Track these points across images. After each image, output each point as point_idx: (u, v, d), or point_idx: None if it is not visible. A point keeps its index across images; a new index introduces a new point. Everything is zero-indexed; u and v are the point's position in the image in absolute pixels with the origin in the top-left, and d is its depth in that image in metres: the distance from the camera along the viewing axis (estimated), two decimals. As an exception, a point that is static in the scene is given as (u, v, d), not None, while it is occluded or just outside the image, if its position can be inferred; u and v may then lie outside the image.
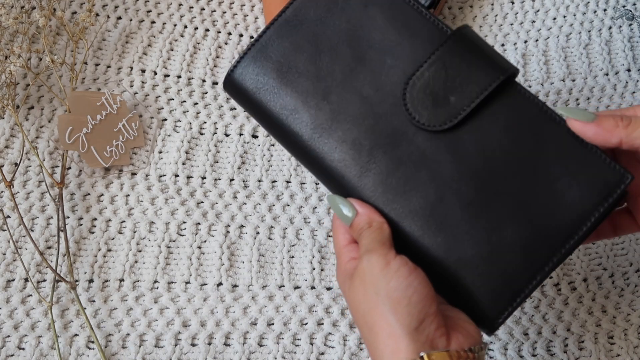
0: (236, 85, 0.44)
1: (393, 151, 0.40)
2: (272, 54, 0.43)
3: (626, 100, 0.64)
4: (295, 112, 0.42)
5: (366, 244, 0.38)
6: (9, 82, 0.55)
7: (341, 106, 0.41)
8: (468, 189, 0.39)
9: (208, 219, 0.57)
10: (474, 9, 0.69)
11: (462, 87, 0.39)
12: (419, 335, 0.35)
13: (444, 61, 0.40)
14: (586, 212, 0.38)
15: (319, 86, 0.42)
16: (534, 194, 0.39)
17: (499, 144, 0.39)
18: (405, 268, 0.36)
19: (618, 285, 0.57)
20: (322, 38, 0.43)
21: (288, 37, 0.43)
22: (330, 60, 0.42)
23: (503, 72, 0.39)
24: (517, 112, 0.40)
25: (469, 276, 0.38)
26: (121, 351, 0.52)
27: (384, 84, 0.41)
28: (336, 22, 0.43)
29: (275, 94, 0.43)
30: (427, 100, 0.40)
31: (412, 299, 0.35)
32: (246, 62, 0.44)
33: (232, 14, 0.66)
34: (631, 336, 0.55)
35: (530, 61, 0.66)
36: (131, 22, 0.63)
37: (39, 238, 0.54)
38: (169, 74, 0.62)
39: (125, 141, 0.58)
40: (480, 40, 0.41)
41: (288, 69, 0.43)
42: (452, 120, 0.39)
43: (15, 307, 0.52)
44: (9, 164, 0.57)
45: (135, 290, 0.54)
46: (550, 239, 0.38)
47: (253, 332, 0.53)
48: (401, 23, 0.42)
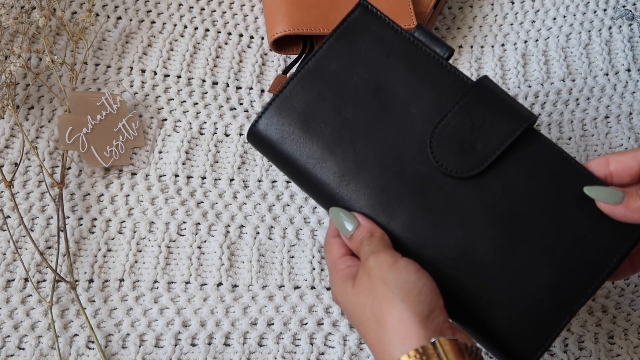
0: (261, 136, 0.45)
1: (421, 197, 0.41)
2: (296, 104, 0.44)
3: (626, 100, 0.64)
4: (322, 160, 0.43)
5: (371, 248, 0.39)
6: (9, 82, 0.55)
7: (368, 154, 0.42)
8: (495, 233, 0.40)
9: (208, 219, 0.57)
10: (474, 9, 0.69)
11: (487, 135, 0.41)
12: (430, 324, 0.35)
13: (468, 110, 0.41)
14: (609, 252, 0.39)
15: (344, 135, 0.43)
16: (559, 237, 0.40)
17: (523, 189, 0.41)
18: (413, 265, 0.37)
19: (618, 285, 0.57)
20: (345, 88, 0.44)
21: (312, 88, 0.44)
22: (355, 110, 0.43)
23: (525, 121, 0.41)
24: (539, 157, 0.41)
25: (500, 319, 0.39)
26: (121, 351, 0.52)
27: (409, 132, 0.42)
28: (359, 73, 0.44)
29: (301, 143, 0.43)
30: (453, 148, 0.41)
31: (422, 289, 0.36)
32: (271, 113, 0.44)
33: (232, 14, 0.66)
34: (631, 336, 0.55)
35: (530, 61, 0.66)
36: (131, 22, 0.63)
37: (39, 238, 0.54)
38: (169, 74, 0.62)
39: (125, 141, 0.58)
40: (500, 90, 0.42)
41: (313, 119, 0.44)
42: (479, 167, 0.41)
43: (15, 307, 0.52)
44: (9, 164, 0.57)
45: (135, 290, 0.54)
46: (577, 280, 0.39)
47: (253, 332, 0.53)
48: (423, 73, 0.43)
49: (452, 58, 0.66)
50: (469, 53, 0.66)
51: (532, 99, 0.64)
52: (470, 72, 0.65)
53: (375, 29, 0.44)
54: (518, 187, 0.41)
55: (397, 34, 0.44)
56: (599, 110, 0.64)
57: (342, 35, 0.45)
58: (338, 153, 0.43)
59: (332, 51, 0.45)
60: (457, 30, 0.67)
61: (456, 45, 0.67)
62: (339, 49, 0.44)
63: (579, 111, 0.63)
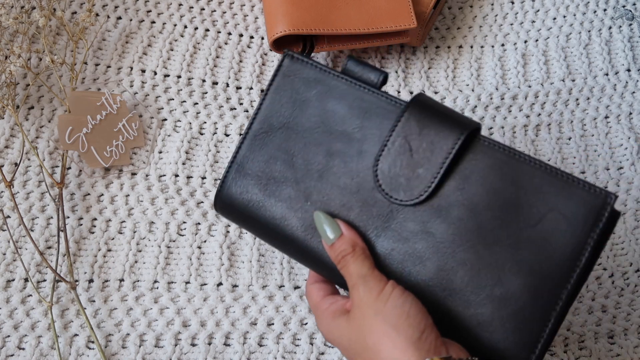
0: (225, 205, 0.46)
1: (385, 232, 0.41)
2: (249, 170, 0.45)
3: (626, 100, 0.64)
4: (284, 219, 0.44)
5: (357, 270, 0.39)
6: (9, 82, 0.55)
7: (324, 202, 0.43)
8: (461, 251, 0.40)
9: (208, 219, 0.57)
10: (474, 9, 0.69)
11: (427, 157, 0.40)
12: (422, 344, 0.36)
13: (404, 135, 0.41)
14: (580, 243, 0.38)
15: (299, 189, 0.43)
16: (525, 239, 0.39)
17: (479, 199, 0.40)
18: (397, 289, 0.38)
19: (618, 285, 0.57)
20: (290, 142, 0.44)
21: (260, 150, 0.45)
22: (304, 162, 0.44)
23: (462, 132, 0.40)
24: (487, 163, 0.40)
25: (488, 333, 0.39)
26: (121, 351, 0.52)
27: (357, 171, 0.42)
28: (300, 124, 0.44)
29: (262, 207, 0.44)
30: (399, 177, 0.41)
31: (410, 312, 0.37)
32: (228, 183, 0.45)
33: (232, 14, 0.66)
34: (631, 336, 0.55)
35: (530, 61, 0.66)
36: (131, 22, 0.63)
37: (39, 238, 0.54)
38: (169, 74, 0.62)
39: (125, 141, 0.58)
40: (436, 104, 0.42)
41: (267, 181, 0.44)
42: (427, 191, 0.40)
43: (15, 307, 0.52)
44: (9, 164, 0.56)
45: (135, 290, 0.54)
46: (553, 279, 0.38)
47: (253, 332, 0.53)
48: (358, 108, 0.43)
49: (453, 58, 0.66)
50: (469, 53, 0.66)
51: (532, 99, 0.64)
52: (470, 72, 0.65)
53: (306, 76, 0.45)
54: (473, 199, 0.40)
55: (328, 75, 0.44)
56: (599, 110, 0.64)
57: (277, 90, 0.45)
58: (297, 209, 0.43)
59: (271, 108, 0.45)
60: (457, 30, 0.67)
61: (456, 45, 0.67)
62: (277, 104, 0.45)
63: (579, 111, 0.64)
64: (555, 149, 0.62)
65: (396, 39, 0.61)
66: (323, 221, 0.42)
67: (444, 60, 0.66)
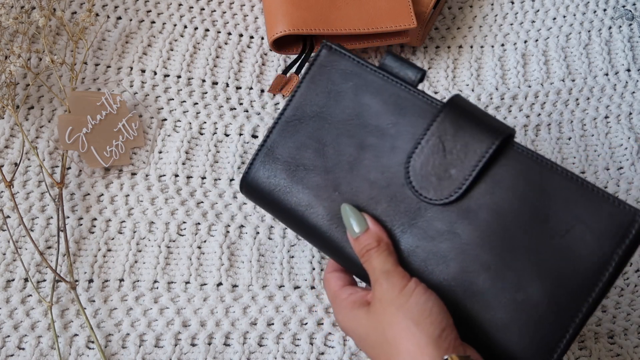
0: (251, 188, 0.46)
1: (410, 229, 0.42)
2: (279, 155, 0.45)
3: (626, 100, 0.64)
4: (310, 207, 0.44)
5: (380, 265, 0.40)
6: (9, 82, 0.55)
7: (353, 194, 0.43)
8: (486, 254, 0.40)
9: (208, 219, 0.57)
10: (474, 9, 0.69)
11: (460, 158, 0.40)
12: (442, 342, 0.36)
13: (439, 135, 0.41)
14: (605, 257, 0.38)
15: (328, 179, 0.44)
16: (550, 248, 0.39)
17: (508, 204, 0.40)
18: (421, 287, 0.38)
19: (618, 285, 0.57)
20: (323, 132, 0.44)
21: (291, 137, 0.45)
22: (335, 152, 0.44)
23: (497, 137, 0.40)
24: (519, 170, 0.40)
25: (504, 338, 0.39)
26: (121, 351, 0.52)
27: (388, 166, 0.43)
28: (333, 115, 0.44)
29: (288, 192, 0.44)
30: (430, 176, 0.41)
31: (432, 310, 0.37)
32: (256, 167, 0.46)
33: (232, 14, 0.66)
34: (631, 336, 0.55)
35: (530, 61, 0.66)
36: (131, 22, 0.63)
37: (39, 238, 0.54)
38: (169, 74, 0.62)
39: (125, 141, 0.58)
40: (472, 107, 0.42)
41: (296, 167, 0.44)
42: (457, 192, 0.40)
43: (15, 307, 0.52)
44: (9, 164, 0.56)
45: (135, 290, 0.54)
46: (575, 290, 0.38)
47: (253, 332, 0.53)
48: (393, 104, 0.43)
49: (453, 58, 0.66)
50: (469, 53, 0.66)
51: (532, 99, 0.64)
52: (470, 72, 0.65)
53: (343, 68, 0.45)
54: (502, 204, 0.40)
55: (365, 69, 0.44)
56: (599, 110, 0.64)
57: (313, 79, 0.45)
58: (324, 198, 0.43)
59: (305, 96, 0.45)
60: (457, 30, 0.67)
61: (456, 45, 0.67)
62: (312, 93, 0.45)
63: (578, 111, 0.64)
64: (555, 149, 0.62)
65: (396, 39, 0.61)
66: (350, 214, 0.42)
67: (444, 60, 0.66)
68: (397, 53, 0.66)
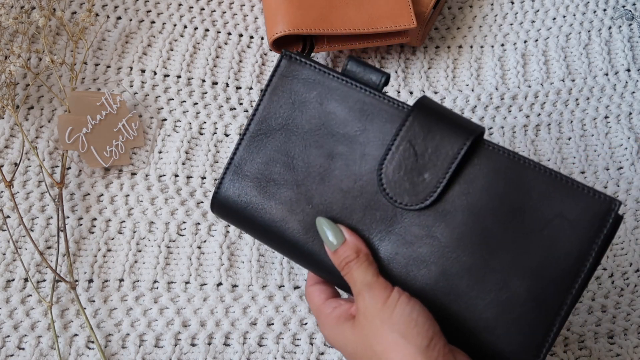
0: (222, 207, 0.45)
1: (388, 236, 0.41)
2: (247, 172, 0.44)
3: (626, 100, 0.64)
4: (285, 222, 0.43)
5: (361, 277, 0.39)
6: (8, 82, 0.55)
7: (326, 206, 0.42)
8: (466, 255, 0.40)
9: (208, 219, 0.57)
10: (474, 9, 0.69)
11: (433, 162, 0.40)
12: (431, 352, 0.36)
13: (409, 139, 0.41)
14: (584, 248, 0.38)
15: (300, 192, 0.43)
16: (530, 244, 0.39)
17: (484, 203, 0.40)
18: (404, 296, 0.38)
19: (618, 285, 0.57)
20: (290, 145, 0.44)
21: (258, 152, 0.44)
22: (304, 164, 0.43)
23: (468, 137, 0.40)
24: (492, 168, 0.40)
25: (492, 337, 0.39)
26: (121, 351, 0.52)
27: (360, 175, 0.42)
28: (299, 126, 0.44)
29: (261, 209, 0.44)
30: (403, 182, 0.41)
31: (418, 320, 0.37)
32: (226, 185, 0.45)
33: (232, 14, 0.66)
34: (631, 336, 0.55)
35: (530, 61, 0.66)
36: (131, 22, 0.63)
37: (38, 238, 0.54)
38: (169, 74, 0.62)
39: (125, 141, 0.58)
40: (440, 108, 0.42)
41: (267, 183, 0.44)
42: (432, 196, 0.40)
43: (15, 307, 0.52)
44: (8, 164, 0.57)
45: (135, 290, 0.54)
46: (558, 283, 0.39)
47: (253, 332, 0.53)
48: (359, 111, 0.43)
49: (453, 58, 0.66)
50: (469, 53, 0.66)
51: (532, 99, 0.64)
52: (470, 72, 0.65)
53: (305, 77, 0.44)
54: (478, 204, 0.40)
55: (327, 77, 0.44)
56: (599, 110, 0.64)
57: (275, 91, 0.44)
58: (297, 212, 0.43)
59: (269, 109, 0.44)
60: (457, 30, 0.67)
61: (456, 45, 0.67)
62: (275, 105, 0.44)
63: (578, 111, 0.64)
64: (555, 149, 0.62)
65: (396, 39, 0.61)
66: (325, 227, 0.41)
67: (444, 60, 0.66)
68: (397, 53, 0.66)
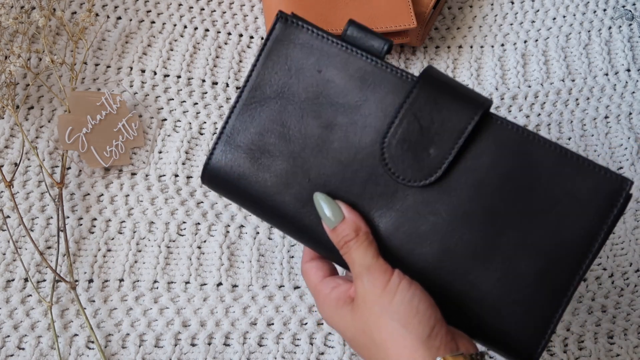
0: (213, 179, 0.42)
1: (389, 212, 0.39)
2: (240, 142, 0.41)
3: (626, 100, 0.64)
4: (279, 195, 0.40)
5: (360, 260, 0.37)
6: (8, 82, 0.55)
7: (324, 179, 0.40)
8: (471, 233, 0.38)
9: (208, 219, 0.57)
10: (474, 9, 0.69)
11: (438, 136, 0.38)
12: (433, 342, 0.35)
13: (414, 112, 0.38)
14: (594, 227, 0.37)
15: (296, 164, 0.40)
16: (537, 222, 0.38)
17: (490, 180, 0.38)
18: (404, 281, 0.36)
19: (618, 285, 0.57)
20: (286, 114, 0.41)
21: (252, 121, 0.41)
22: (301, 135, 0.40)
23: (476, 110, 0.38)
24: (499, 144, 0.38)
25: (496, 318, 0.38)
26: (121, 351, 0.52)
27: (361, 147, 0.40)
28: (296, 94, 0.41)
29: (254, 182, 0.41)
30: (407, 157, 0.38)
31: (419, 308, 0.35)
32: (217, 156, 0.41)
33: (232, 14, 0.66)
34: (631, 336, 0.55)
35: (530, 61, 0.66)
36: (131, 22, 0.63)
37: (38, 238, 0.54)
38: (169, 74, 0.62)
39: (125, 141, 0.58)
40: (447, 79, 0.39)
41: (260, 154, 0.41)
42: (437, 172, 0.38)
43: (15, 307, 0.52)
44: (8, 164, 0.57)
45: (135, 290, 0.54)
46: (566, 263, 0.37)
47: (253, 332, 0.53)
48: (360, 79, 0.40)
49: (453, 58, 0.66)
50: (469, 53, 0.66)
51: (532, 99, 0.64)
52: (470, 72, 0.65)
53: (302, 42, 0.41)
54: (485, 180, 0.38)
55: (326, 42, 0.41)
56: (599, 110, 0.64)
57: (270, 56, 0.41)
58: (293, 185, 0.40)
59: (263, 76, 0.41)
60: (457, 30, 0.67)
61: (456, 45, 0.67)
62: (270, 71, 0.41)
63: (578, 111, 0.64)
64: (555, 149, 0.62)
65: (396, 39, 0.61)
66: (323, 203, 0.39)
67: (444, 60, 0.66)
68: (397, 53, 0.66)
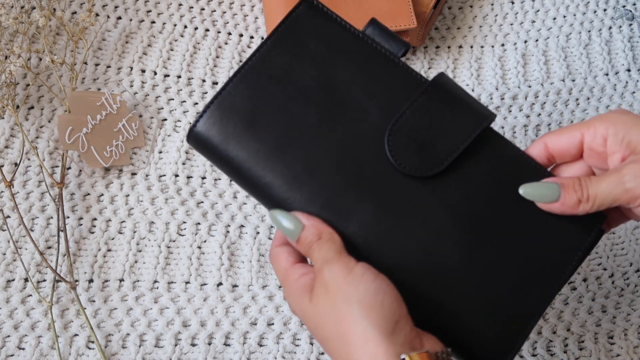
0: (201, 138, 0.41)
1: (380, 199, 0.39)
2: (240, 104, 0.40)
3: (626, 100, 0.64)
4: (272, 163, 0.39)
5: (321, 255, 0.37)
6: (9, 82, 0.55)
7: (321, 155, 0.40)
8: (459, 237, 0.39)
9: (208, 219, 0.57)
10: (474, 9, 0.69)
11: (446, 133, 0.39)
12: (397, 338, 0.34)
13: (427, 108, 0.40)
14: (570, 250, 0.39)
15: (293, 135, 0.40)
16: (521, 238, 0.39)
17: (484, 187, 0.40)
18: (370, 272, 0.36)
19: (618, 285, 0.57)
20: (292, 86, 0.41)
21: (256, 86, 0.41)
22: (304, 108, 0.40)
23: (484, 119, 0.40)
24: (498, 157, 0.40)
25: (466, 326, 0.38)
26: (121, 351, 0.52)
27: (364, 132, 0.40)
28: (307, 70, 0.41)
29: (247, 146, 0.40)
30: (412, 147, 0.39)
31: (384, 302, 0.34)
32: (212, 113, 0.40)
33: (232, 14, 0.66)
34: (631, 336, 0.55)
35: (530, 61, 0.66)
36: (131, 22, 0.63)
37: (39, 238, 0.54)
38: (169, 74, 0.62)
39: (125, 141, 0.58)
40: (458, 87, 0.41)
41: (259, 119, 0.40)
42: (440, 166, 0.39)
43: (15, 307, 0.52)
44: (9, 164, 0.57)
45: (135, 290, 0.54)
46: (540, 281, 0.39)
47: (253, 332, 0.53)
48: (375, 72, 0.41)
49: (453, 58, 0.66)
50: (469, 53, 0.66)
51: (532, 99, 0.64)
52: (470, 72, 0.65)
53: (322, 26, 0.41)
54: (479, 188, 0.40)
55: (346, 31, 0.41)
56: (599, 110, 0.64)
57: (288, 32, 0.41)
58: (288, 155, 0.39)
59: (277, 47, 0.41)
60: (457, 30, 0.67)
61: (456, 45, 0.67)
62: (285, 45, 0.41)
63: (579, 111, 0.64)
64: (555, 149, 0.62)
65: (396, 39, 0.61)
66: (280, 217, 0.38)
67: (444, 60, 0.66)
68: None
